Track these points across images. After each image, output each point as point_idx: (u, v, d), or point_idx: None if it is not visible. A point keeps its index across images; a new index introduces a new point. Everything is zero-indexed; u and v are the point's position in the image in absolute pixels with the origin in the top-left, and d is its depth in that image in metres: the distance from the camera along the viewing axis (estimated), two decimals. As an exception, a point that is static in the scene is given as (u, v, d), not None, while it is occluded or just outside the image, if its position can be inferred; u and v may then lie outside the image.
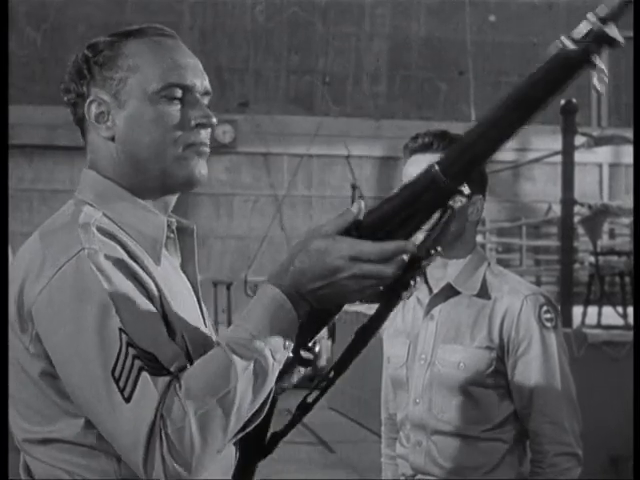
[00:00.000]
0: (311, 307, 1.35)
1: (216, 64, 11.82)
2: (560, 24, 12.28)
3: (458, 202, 1.31)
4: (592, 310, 6.87)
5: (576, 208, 6.50)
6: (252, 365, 1.30)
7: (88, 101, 1.50)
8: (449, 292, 2.29)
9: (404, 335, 2.36)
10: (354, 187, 10.48)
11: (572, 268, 6.38)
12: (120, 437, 1.31)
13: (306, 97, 12.35)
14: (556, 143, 6.95)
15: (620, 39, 1.20)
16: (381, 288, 1.33)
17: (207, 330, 1.54)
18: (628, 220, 8.46)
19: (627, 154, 11.62)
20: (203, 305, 1.59)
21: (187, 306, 1.50)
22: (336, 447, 7.40)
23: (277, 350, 1.33)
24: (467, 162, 1.30)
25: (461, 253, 2.29)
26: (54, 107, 10.15)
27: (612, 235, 11.82)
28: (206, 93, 1.53)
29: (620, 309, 7.04)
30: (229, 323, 8.95)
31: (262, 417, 1.38)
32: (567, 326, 5.43)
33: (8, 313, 1.42)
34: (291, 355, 1.39)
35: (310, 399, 1.45)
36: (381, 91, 12.56)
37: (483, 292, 2.27)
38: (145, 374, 1.30)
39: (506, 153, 11.54)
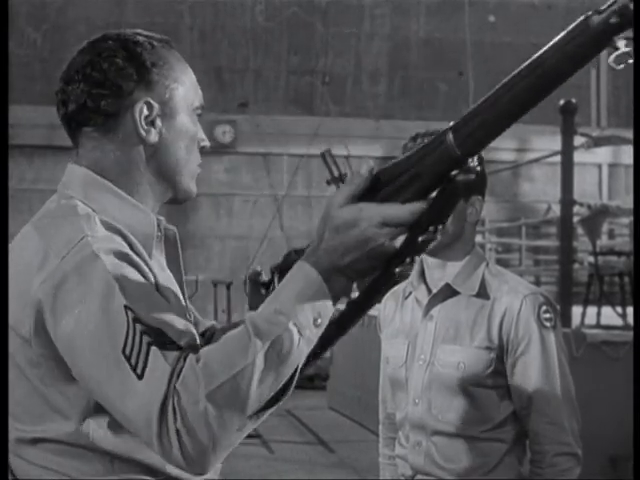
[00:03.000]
0: (350, 280, 1.30)
1: (216, 64, 11.83)
2: (559, 25, 12.27)
3: (463, 175, 1.23)
4: (591, 310, 6.89)
5: (575, 208, 6.51)
6: (273, 341, 1.26)
7: (142, 102, 1.49)
8: (448, 292, 2.29)
9: (403, 335, 2.36)
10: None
11: (571, 268, 6.39)
12: (134, 415, 1.28)
13: (306, 97, 12.35)
14: (555, 143, 6.96)
15: None
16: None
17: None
18: (627, 220, 8.46)
19: (626, 154, 11.64)
20: (189, 304, 1.60)
21: (178, 302, 1.51)
22: (336, 447, 7.41)
23: (305, 326, 1.28)
24: (482, 132, 1.20)
25: (460, 254, 2.29)
26: (54, 107, 10.12)
27: (611, 235, 11.82)
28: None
29: (619, 309, 7.06)
30: (229, 323, 8.95)
31: (288, 396, 1.32)
32: (566, 326, 5.44)
33: (8, 313, 1.41)
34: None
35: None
36: (381, 91, 12.56)
37: (482, 292, 2.27)
38: (155, 348, 1.28)
39: (506, 153, 11.55)
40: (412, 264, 1.30)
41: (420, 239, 1.26)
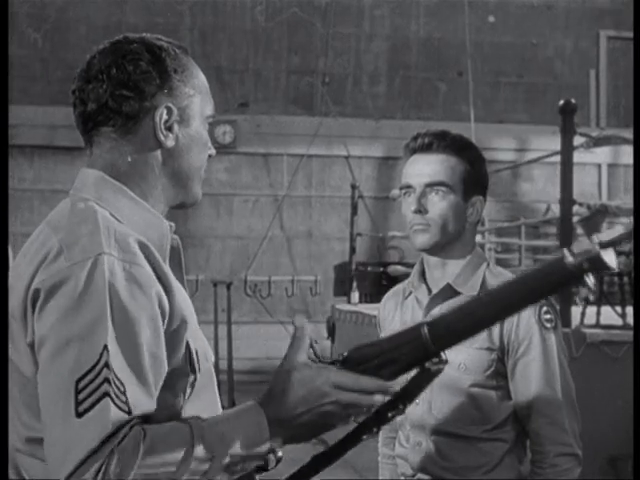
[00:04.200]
0: (285, 440, 1.37)
1: (216, 64, 11.82)
2: (559, 25, 12.29)
3: (435, 366, 1.35)
4: (591, 310, 6.89)
5: (575, 208, 6.50)
6: (209, 463, 1.30)
7: (162, 107, 1.50)
8: (448, 292, 2.29)
9: (404, 335, 2.36)
10: (354, 187, 10.49)
11: (571, 268, 6.37)
12: (54, 444, 1.28)
13: (306, 97, 12.35)
14: (555, 143, 6.96)
15: (613, 265, 1.26)
16: (353, 420, 1.38)
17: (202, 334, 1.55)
18: (627, 220, 8.47)
19: (625, 154, 11.64)
20: None
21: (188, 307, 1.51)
22: (336, 447, 7.39)
23: (235, 463, 1.33)
24: (455, 335, 1.35)
25: (460, 254, 2.29)
26: (55, 107, 10.16)
27: (611, 235, 11.80)
28: None
29: (619, 309, 7.05)
30: (229, 323, 8.95)
31: None
32: (566, 326, 5.43)
33: (8, 313, 1.41)
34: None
35: None
36: (380, 91, 12.56)
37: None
38: (108, 401, 1.28)
39: (505, 153, 11.56)
40: (378, 432, 1.40)
41: (389, 414, 1.37)
